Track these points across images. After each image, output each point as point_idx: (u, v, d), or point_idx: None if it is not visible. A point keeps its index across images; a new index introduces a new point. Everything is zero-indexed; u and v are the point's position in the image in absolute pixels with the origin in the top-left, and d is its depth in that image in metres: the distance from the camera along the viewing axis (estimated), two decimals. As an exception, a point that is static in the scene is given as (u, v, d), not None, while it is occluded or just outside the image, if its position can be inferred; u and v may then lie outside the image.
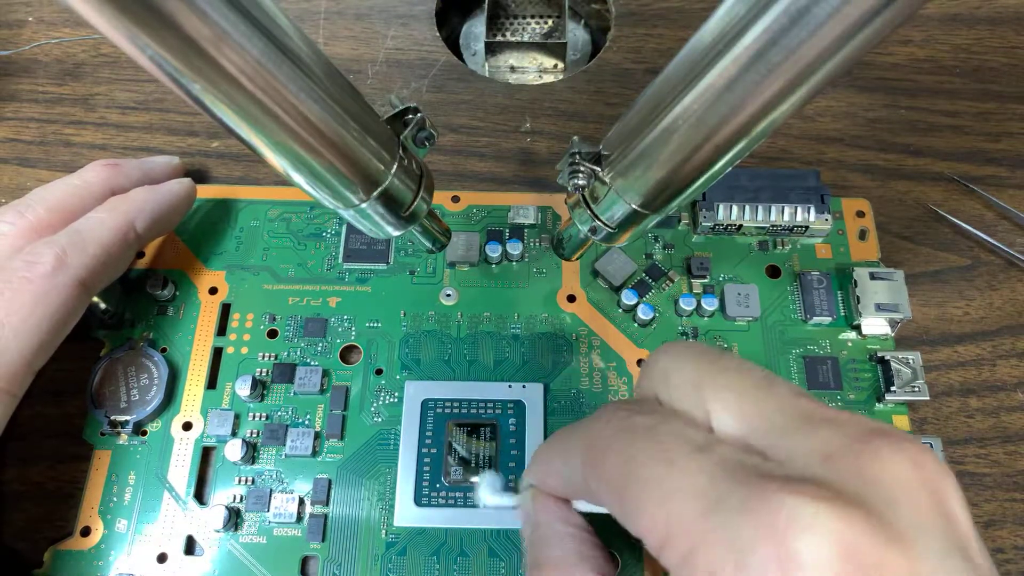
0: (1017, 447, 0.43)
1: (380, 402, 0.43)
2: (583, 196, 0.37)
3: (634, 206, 0.34)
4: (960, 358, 0.46)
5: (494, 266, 0.47)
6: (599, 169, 0.34)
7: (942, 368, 0.45)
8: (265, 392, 0.43)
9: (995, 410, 0.44)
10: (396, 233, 0.37)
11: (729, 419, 0.24)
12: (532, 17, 0.61)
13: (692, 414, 0.25)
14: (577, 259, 0.46)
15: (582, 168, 0.35)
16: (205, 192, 0.49)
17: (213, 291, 0.46)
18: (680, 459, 0.23)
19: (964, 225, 0.49)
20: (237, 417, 0.42)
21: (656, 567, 0.39)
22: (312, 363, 0.44)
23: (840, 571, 0.19)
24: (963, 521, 0.21)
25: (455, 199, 0.49)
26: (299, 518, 0.41)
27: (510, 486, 0.35)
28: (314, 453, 0.42)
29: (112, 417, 0.42)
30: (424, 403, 0.43)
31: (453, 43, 0.60)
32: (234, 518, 0.40)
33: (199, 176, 0.50)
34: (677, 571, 0.22)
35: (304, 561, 0.40)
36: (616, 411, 0.27)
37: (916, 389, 0.43)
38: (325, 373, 0.44)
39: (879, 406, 0.44)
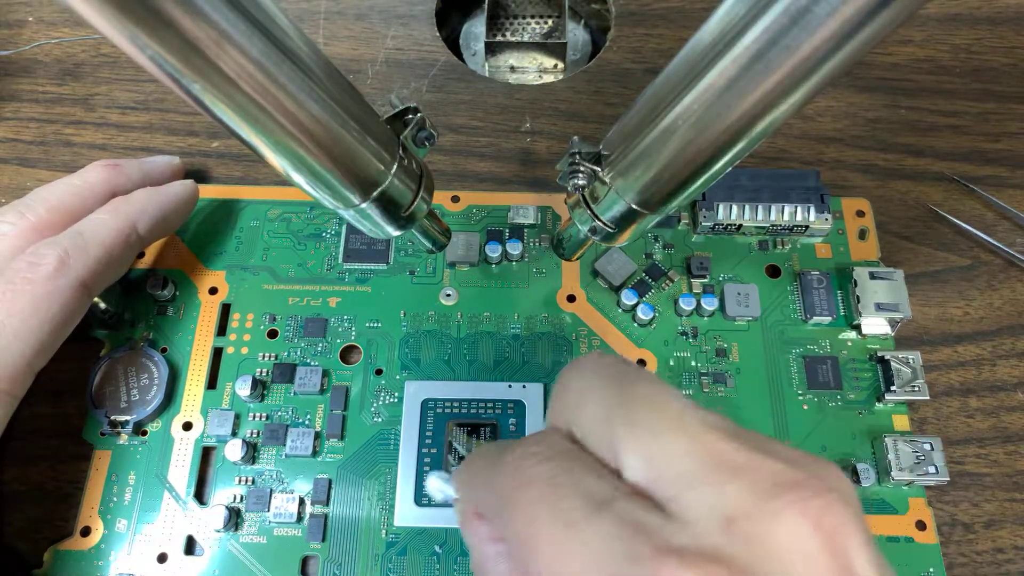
0: (1017, 447, 0.43)
1: (380, 402, 0.43)
2: (583, 196, 0.37)
3: (634, 206, 0.34)
4: (960, 358, 0.46)
5: (494, 266, 0.47)
6: (599, 169, 0.34)
7: (942, 368, 0.45)
8: (265, 392, 0.43)
9: (995, 410, 0.44)
10: (396, 233, 0.37)
11: (637, 463, 0.23)
12: (532, 17, 0.61)
13: (600, 451, 0.24)
14: (577, 259, 0.46)
15: (582, 168, 0.35)
16: (205, 192, 0.49)
17: (213, 291, 0.46)
18: (579, 520, 0.22)
19: (964, 225, 0.49)
20: (237, 417, 0.42)
21: None
22: (312, 363, 0.44)
23: None
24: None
25: (455, 199, 0.49)
26: (299, 518, 0.41)
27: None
28: (314, 453, 0.42)
29: (112, 417, 0.42)
30: (424, 403, 0.43)
31: (453, 43, 0.60)
32: (234, 518, 0.40)
33: (199, 176, 0.50)
34: None
35: (304, 561, 0.40)
36: (523, 458, 0.26)
37: (916, 389, 0.43)
38: (325, 373, 0.44)
39: (879, 405, 0.44)
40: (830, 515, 0.21)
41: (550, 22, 0.61)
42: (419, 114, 0.34)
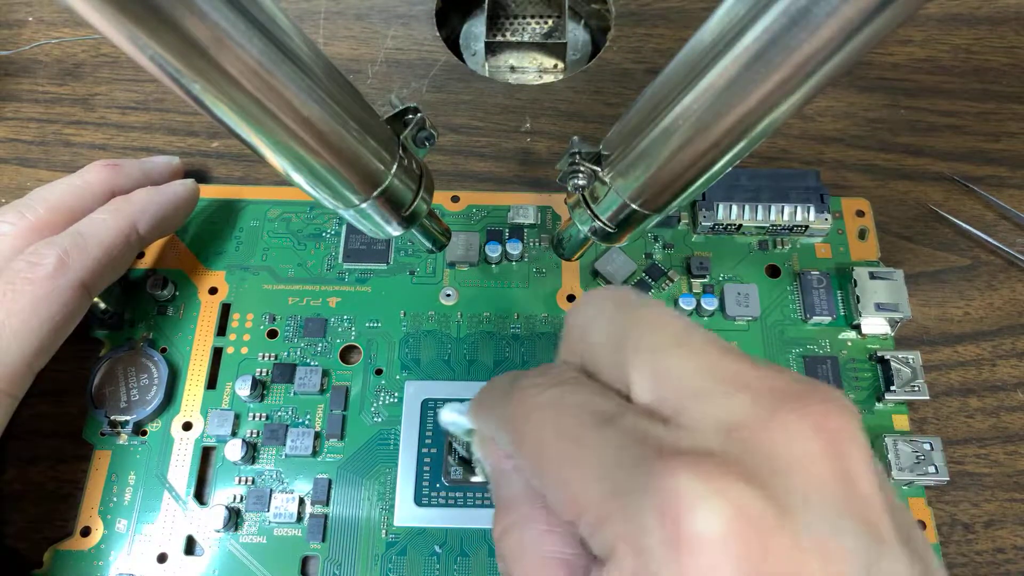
0: (1017, 447, 0.43)
1: (380, 402, 0.43)
2: (583, 196, 0.37)
3: (634, 206, 0.34)
4: (960, 358, 0.46)
5: (494, 266, 0.47)
6: (599, 169, 0.34)
7: (942, 368, 0.45)
8: (265, 392, 0.43)
9: (995, 410, 0.44)
10: (396, 233, 0.37)
11: (645, 382, 0.24)
12: (532, 17, 0.61)
13: (610, 377, 0.25)
14: (577, 259, 0.46)
15: (582, 168, 0.35)
16: (205, 192, 0.49)
17: (213, 291, 0.46)
18: (585, 435, 0.23)
19: (964, 225, 0.49)
20: (237, 417, 0.42)
21: None
22: (312, 363, 0.44)
23: (728, 548, 0.19)
24: (864, 486, 0.21)
25: (455, 199, 0.49)
26: (299, 518, 0.41)
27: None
28: (314, 453, 0.42)
29: (112, 417, 0.42)
30: (424, 403, 0.43)
31: (453, 43, 0.60)
32: (234, 518, 0.40)
33: (199, 176, 0.50)
34: (589, 540, 0.23)
35: (304, 561, 0.40)
36: (528, 387, 0.27)
37: (916, 388, 0.43)
38: (325, 373, 0.44)
39: (879, 405, 0.44)
40: (831, 420, 0.21)
41: (550, 22, 0.61)
42: (419, 114, 0.34)
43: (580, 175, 0.35)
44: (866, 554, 0.20)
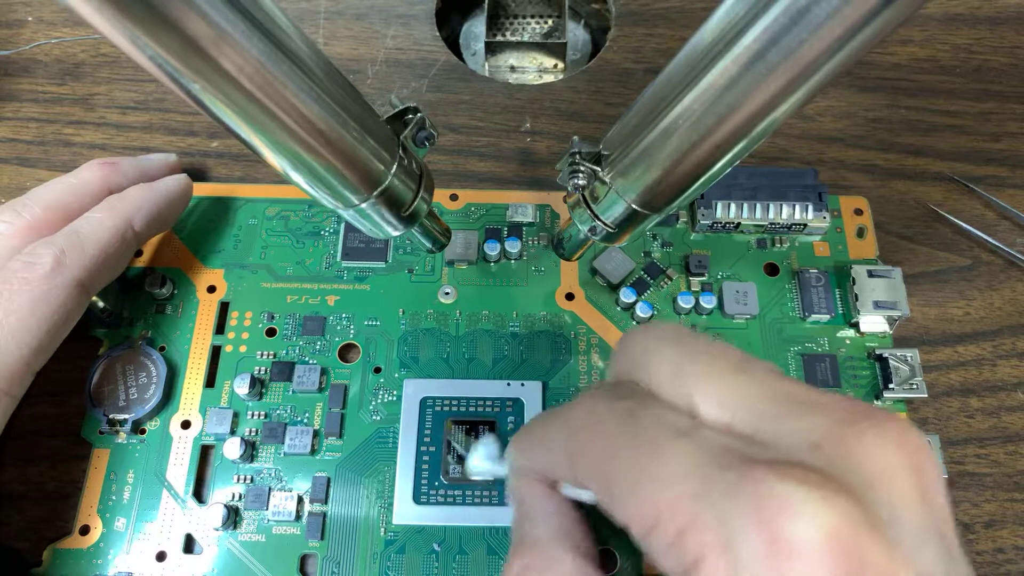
0: (1017, 447, 0.43)
1: (379, 400, 0.43)
2: (583, 196, 0.37)
3: (634, 206, 0.34)
4: (960, 358, 0.46)
5: (492, 264, 0.47)
6: (599, 169, 0.34)
7: (942, 368, 0.45)
8: (264, 390, 0.43)
9: (995, 410, 0.44)
10: (396, 233, 0.37)
11: (711, 407, 0.24)
12: (532, 17, 0.61)
13: (673, 400, 0.25)
14: (577, 259, 0.46)
15: (582, 168, 0.35)
16: (203, 190, 0.49)
17: (211, 289, 0.46)
18: (665, 443, 0.23)
19: (964, 225, 0.49)
20: (236, 415, 0.42)
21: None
22: (311, 361, 0.44)
23: (826, 556, 0.19)
24: (941, 501, 0.22)
25: (453, 197, 0.49)
26: (298, 516, 0.41)
27: (501, 456, 0.35)
28: (313, 451, 0.42)
29: (111, 416, 0.42)
30: (423, 401, 0.43)
31: (453, 43, 0.60)
32: (233, 516, 0.40)
33: (199, 176, 0.50)
34: (664, 555, 0.22)
35: (303, 559, 0.40)
36: (597, 398, 0.27)
37: (914, 386, 0.43)
38: (324, 371, 0.44)
39: (877, 403, 0.44)
40: (909, 438, 0.22)
41: (550, 22, 0.61)
42: (419, 114, 0.34)
43: (580, 175, 0.35)
44: (944, 568, 0.20)
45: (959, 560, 0.21)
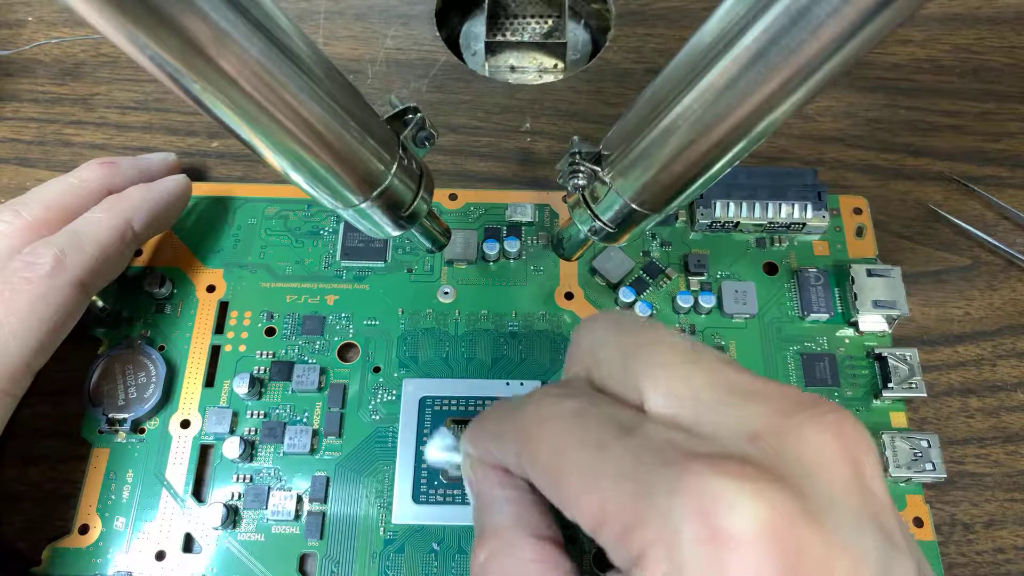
0: (1017, 447, 0.43)
1: (378, 400, 0.43)
2: (583, 196, 0.37)
3: (634, 206, 0.34)
4: (960, 358, 0.46)
5: (492, 264, 0.47)
6: (599, 169, 0.34)
7: (942, 368, 0.45)
8: (263, 390, 0.43)
9: (995, 410, 0.44)
10: (396, 233, 0.37)
11: (658, 397, 0.25)
12: (532, 17, 0.61)
13: (623, 392, 0.26)
14: (577, 259, 0.46)
15: (582, 168, 0.35)
16: (202, 190, 0.49)
17: (211, 289, 0.46)
18: (609, 442, 0.24)
19: (964, 225, 0.49)
20: (235, 415, 0.42)
21: None
22: (310, 361, 0.44)
23: (763, 547, 0.19)
24: (879, 490, 0.22)
25: (452, 197, 0.49)
26: (297, 516, 0.41)
27: (456, 447, 0.35)
28: (312, 451, 0.42)
29: (110, 415, 0.42)
30: (422, 400, 0.43)
31: (453, 43, 0.60)
32: (232, 516, 0.40)
33: (199, 176, 0.50)
34: (613, 550, 0.23)
35: (302, 559, 0.40)
36: (545, 397, 0.27)
37: (913, 385, 0.43)
38: (323, 371, 0.44)
39: (876, 403, 0.44)
40: (846, 428, 0.22)
41: (550, 22, 0.61)
42: (419, 114, 0.34)
43: (580, 175, 0.35)
44: (885, 557, 0.21)
45: (901, 547, 0.21)
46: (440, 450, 0.35)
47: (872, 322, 0.45)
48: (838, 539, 0.20)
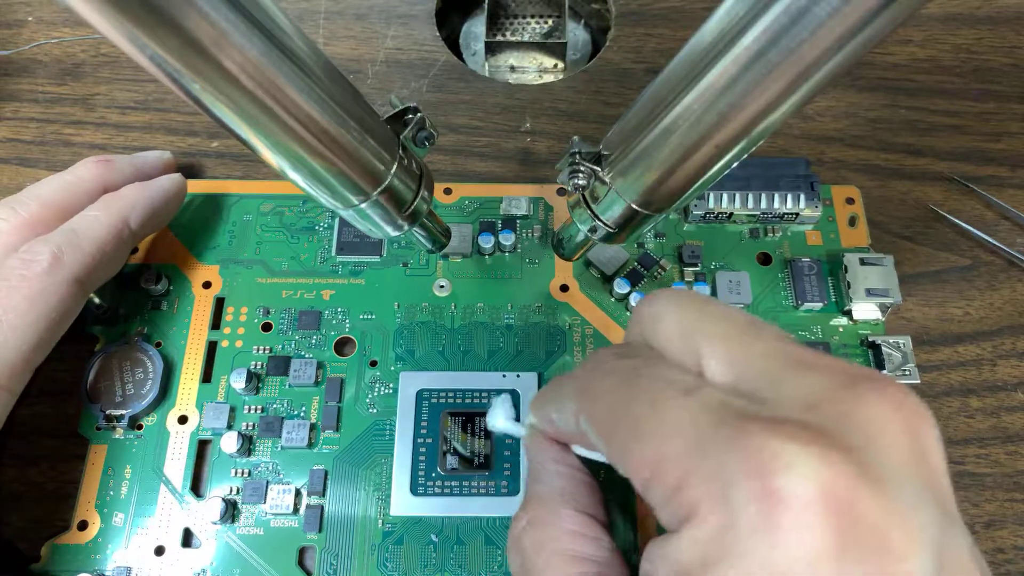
0: (1017, 447, 0.43)
1: (375, 393, 0.43)
2: (583, 196, 0.37)
3: (634, 206, 0.34)
4: (960, 358, 0.46)
5: (487, 257, 0.47)
6: (599, 169, 0.34)
7: (942, 368, 0.45)
8: (260, 385, 0.43)
9: (995, 410, 0.44)
10: (396, 233, 0.37)
11: (717, 365, 0.25)
12: (532, 17, 0.61)
13: (682, 359, 0.26)
14: (578, 258, 0.46)
15: (582, 168, 0.35)
16: (198, 187, 0.49)
17: (207, 285, 0.46)
18: (666, 400, 0.24)
19: (964, 225, 0.49)
20: (232, 410, 0.43)
21: (647, 529, 0.40)
22: (307, 355, 0.44)
23: (819, 508, 0.19)
24: (938, 463, 0.22)
25: (448, 191, 0.49)
26: (296, 509, 0.41)
27: (517, 417, 0.37)
28: (310, 445, 0.42)
29: (108, 411, 0.42)
30: (419, 393, 0.43)
31: (453, 43, 0.60)
32: (231, 510, 0.40)
33: (199, 175, 0.50)
34: (663, 507, 0.23)
35: (301, 552, 0.40)
36: (606, 356, 0.28)
37: (907, 372, 0.43)
38: (320, 365, 0.44)
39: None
40: (909, 402, 0.22)
41: (550, 22, 0.61)
42: (419, 114, 0.34)
43: (580, 175, 0.35)
44: (940, 529, 0.21)
45: (957, 523, 0.21)
46: (503, 418, 0.36)
47: (865, 310, 0.45)
48: (896, 508, 0.20)
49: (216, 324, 0.45)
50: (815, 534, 0.19)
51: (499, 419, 0.36)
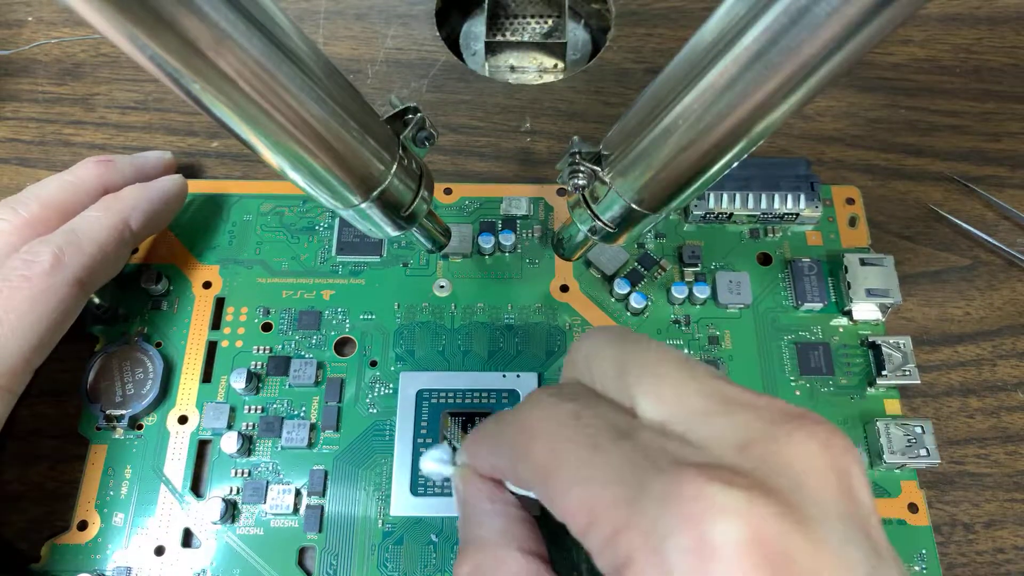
0: (1017, 447, 0.43)
1: (375, 393, 0.43)
2: (583, 196, 0.37)
3: (634, 206, 0.34)
4: (960, 358, 0.46)
5: (487, 257, 0.47)
6: (599, 169, 0.34)
7: (942, 368, 0.45)
8: (260, 385, 0.43)
9: (995, 410, 0.44)
10: (395, 233, 0.37)
11: (651, 404, 0.25)
12: (532, 17, 0.61)
13: (616, 399, 0.26)
14: (578, 259, 0.46)
15: (582, 168, 0.35)
16: (199, 187, 0.49)
17: (207, 285, 0.46)
18: (604, 444, 0.24)
19: (964, 225, 0.49)
20: (233, 410, 0.43)
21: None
22: (307, 356, 0.44)
23: (751, 556, 0.19)
24: (865, 501, 0.22)
25: (448, 191, 0.49)
26: (296, 510, 0.41)
27: (452, 460, 0.35)
28: (310, 445, 0.42)
29: (108, 412, 0.42)
30: (419, 393, 0.43)
31: (453, 43, 0.60)
32: (231, 510, 0.40)
33: (198, 175, 0.50)
34: (600, 553, 0.23)
35: (301, 552, 0.40)
36: (544, 398, 0.27)
37: (907, 373, 0.43)
38: (320, 365, 0.44)
39: (871, 390, 0.44)
40: (835, 439, 0.22)
41: (550, 22, 0.61)
42: (419, 114, 0.34)
43: (580, 175, 0.35)
44: (871, 567, 0.21)
45: (887, 559, 0.21)
46: (434, 461, 0.34)
47: (866, 311, 0.45)
48: (827, 548, 0.20)
49: (216, 324, 0.45)
50: None
51: (426, 461, 0.34)
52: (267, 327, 0.45)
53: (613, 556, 0.22)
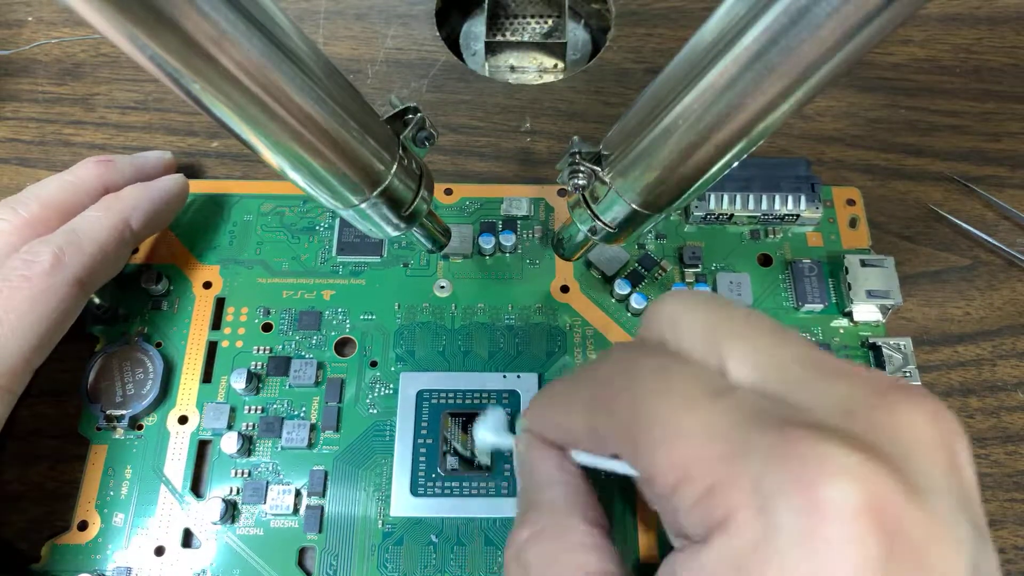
0: (1017, 447, 0.43)
1: (375, 394, 0.43)
2: (583, 196, 0.37)
3: (634, 206, 0.34)
4: (960, 358, 0.46)
5: (488, 258, 0.47)
6: (599, 169, 0.34)
7: (942, 368, 0.45)
8: (260, 385, 0.43)
9: (995, 410, 0.44)
10: (395, 233, 0.37)
11: (745, 368, 0.24)
12: (532, 17, 0.61)
13: (704, 361, 0.25)
14: (578, 259, 0.46)
15: (582, 168, 0.35)
16: (198, 187, 0.49)
17: (207, 285, 0.46)
18: (698, 399, 0.23)
19: (964, 225, 0.49)
20: (233, 410, 0.43)
21: (648, 537, 0.40)
22: (307, 356, 0.44)
23: (865, 521, 0.19)
24: (971, 479, 0.22)
25: (448, 192, 0.49)
26: (296, 510, 0.41)
27: (508, 428, 0.35)
28: (310, 445, 0.42)
29: (108, 412, 0.42)
30: (419, 394, 0.43)
31: (453, 43, 0.60)
32: (231, 511, 0.40)
33: (198, 175, 0.50)
34: (688, 511, 0.22)
35: (301, 552, 0.40)
36: (624, 353, 0.27)
37: (907, 374, 0.43)
38: (320, 366, 0.44)
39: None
40: (943, 413, 0.22)
41: (550, 22, 0.61)
42: (419, 114, 0.34)
43: (580, 175, 0.35)
44: (975, 546, 0.20)
45: (988, 540, 0.21)
46: (489, 431, 0.34)
47: (866, 312, 0.45)
48: (938, 522, 0.20)
49: (216, 324, 0.45)
50: (861, 548, 0.19)
51: (485, 433, 0.35)
52: (267, 327, 0.45)
53: (706, 513, 0.21)
